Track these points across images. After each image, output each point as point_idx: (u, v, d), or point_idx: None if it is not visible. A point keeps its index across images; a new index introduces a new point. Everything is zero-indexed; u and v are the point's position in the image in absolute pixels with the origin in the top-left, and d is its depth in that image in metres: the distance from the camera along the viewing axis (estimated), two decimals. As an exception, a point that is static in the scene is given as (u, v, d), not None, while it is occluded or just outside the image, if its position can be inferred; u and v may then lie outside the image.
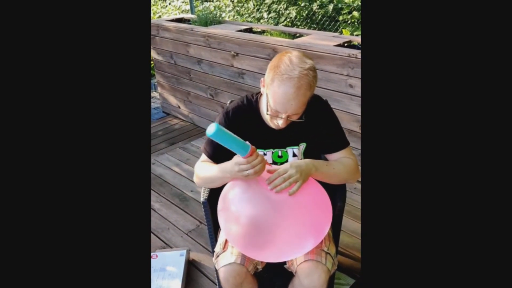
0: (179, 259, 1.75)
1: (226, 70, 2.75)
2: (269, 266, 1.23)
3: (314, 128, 1.19)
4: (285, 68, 1.02)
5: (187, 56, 3.00)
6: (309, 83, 1.03)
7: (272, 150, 1.21)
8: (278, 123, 1.10)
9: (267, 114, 1.11)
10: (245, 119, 1.18)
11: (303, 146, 1.22)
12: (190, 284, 1.69)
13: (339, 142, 1.23)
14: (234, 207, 1.12)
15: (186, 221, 2.11)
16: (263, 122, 1.17)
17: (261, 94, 1.18)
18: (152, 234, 2.02)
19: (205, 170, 1.21)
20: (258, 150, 1.20)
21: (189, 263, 1.79)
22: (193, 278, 1.72)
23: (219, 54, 2.73)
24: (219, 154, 1.19)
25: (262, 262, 1.19)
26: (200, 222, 2.07)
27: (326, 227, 1.08)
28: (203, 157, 1.25)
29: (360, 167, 2.14)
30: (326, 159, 1.27)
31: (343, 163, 1.20)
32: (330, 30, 3.90)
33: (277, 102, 1.05)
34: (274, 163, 1.23)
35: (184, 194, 2.35)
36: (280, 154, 1.21)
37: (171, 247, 1.92)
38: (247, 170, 1.04)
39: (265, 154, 1.21)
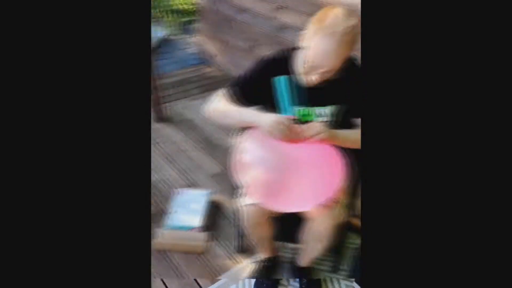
0: (202, 199, 1.85)
1: (269, 22, 2.70)
2: (287, 213, 1.29)
3: (346, 92, 1.18)
4: (330, 22, 1.02)
5: (231, 4, 2.96)
6: (352, 41, 1.03)
7: (299, 107, 1.22)
8: (312, 78, 1.11)
9: (303, 66, 1.12)
10: (277, 71, 1.19)
11: (331, 108, 1.22)
12: (209, 222, 1.80)
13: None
14: (250, 155, 1.16)
15: (211, 164, 2.20)
16: (294, 78, 1.19)
17: (296, 49, 1.18)
18: (178, 174, 2.13)
19: (230, 105, 1.22)
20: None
21: (211, 203, 1.90)
22: (213, 218, 1.83)
23: (264, 5, 2.68)
24: (243, 96, 1.22)
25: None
26: (225, 168, 2.16)
27: (337, 185, 1.12)
28: (226, 92, 1.25)
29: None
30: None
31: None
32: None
33: (317, 55, 1.06)
34: (298, 120, 1.24)
35: (211, 139, 2.43)
36: (306, 112, 1.23)
37: (195, 187, 2.03)
38: (281, 130, 1.08)
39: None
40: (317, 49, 1.04)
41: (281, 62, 1.20)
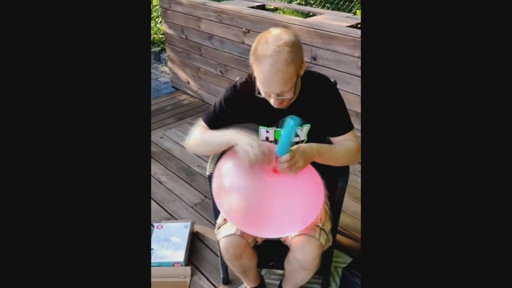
0: (184, 231, 1.81)
1: (237, 47, 2.73)
2: (268, 239, 1.27)
3: (319, 110, 1.19)
4: (261, 48, 1.04)
5: (198, 31, 2.99)
6: (286, 59, 1.02)
7: (275, 128, 1.22)
8: (271, 102, 1.11)
9: (257, 95, 1.13)
10: (251, 95, 1.19)
11: (307, 127, 1.23)
12: (193, 254, 1.75)
13: (344, 126, 1.23)
14: (227, 181, 1.14)
15: (191, 194, 2.16)
16: (267, 100, 1.19)
17: None
18: (158, 206, 2.08)
19: (207, 132, 1.21)
20: (261, 127, 1.22)
21: (193, 234, 1.85)
22: (196, 249, 1.78)
23: (231, 31, 2.71)
24: (219, 125, 1.21)
25: (261, 235, 1.23)
26: (205, 196, 2.12)
27: (317, 210, 1.10)
28: (201, 123, 1.26)
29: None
30: (330, 141, 1.28)
31: (346, 147, 1.20)
32: (344, 10, 3.83)
33: (260, 82, 1.08)
34: (276, 141, 1.25)
35: (190, 169, 2.39)
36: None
37: (176, 219, 1.98)
38: (257, 159, 1.04)
39: (267, 132, 1.22)
40: (258, 76, 1.06)
41: (252, 86, 1.20)
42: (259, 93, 1.12)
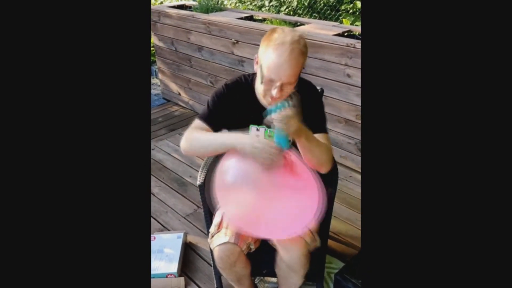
0: (177, 241, 1.80)
1: (226, 57, 2.76)
2: (262, 247, 1.27)
3: (302, 111, 1.21)
4: (278, 35, 1.08)
5: (188, 43, 3.02)
6: (301, 49, 1.08)
7: (265, 127, 1.24)
8: (272, 93, 1.11)
9: (261, 83, 1.13)
10: (241, 94, 1.21)
11: None
12: (187, 265, 1.75)
13: (318, 124, 1.24)
14: (230, 180, 1.13)
15: (184, 205, 2.16)
16: (257, 101, 1.22)
17: (256, 75, 1.22)
18: (151, 217, 2.07)
19: (206, 134, 1.20)
20: (252, 125, 1.24)
21: (186, 245, 1.85)
22: (190, 260, 1.78)
23: (220, 42, 2.75)
24: (216, 120, 1.22)
25: (255, 242, 1.24)
26: (198, 207, 2.12)
27: (315, 211, 1.11)
28: (198, 122, 1.24)
29: (360, 158, 2.17)
30: None
31: (326, 148, 1.21)
32: (331, 19, 3.90)
33: (271, 68, 1.08)
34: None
35: (182, 179, 2.40)
36: (269, 134, 1.26)
37: (169, 230, 1.97)
38: (269, 157, 1.07)
39: (258, 130, 1.24)
40: (271, 61, 1.08)
41: (243, 86, 1.23)
42: (261, 82, 1.12)
